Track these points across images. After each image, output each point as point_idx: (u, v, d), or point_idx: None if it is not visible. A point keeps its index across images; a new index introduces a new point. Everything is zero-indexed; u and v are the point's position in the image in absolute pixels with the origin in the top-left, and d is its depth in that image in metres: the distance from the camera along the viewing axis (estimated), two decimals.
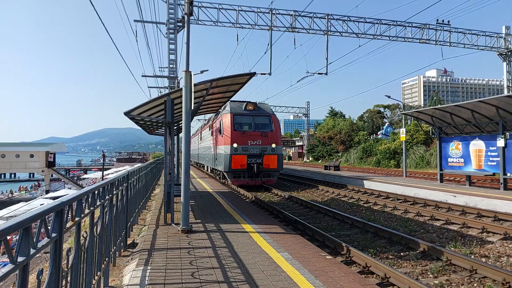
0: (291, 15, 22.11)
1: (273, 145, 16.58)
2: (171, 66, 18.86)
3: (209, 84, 7.29)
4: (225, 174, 16.81)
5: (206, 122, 27.32)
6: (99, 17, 7.71)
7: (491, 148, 13.08)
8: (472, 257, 6.31)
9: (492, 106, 12.16)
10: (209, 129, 21.67)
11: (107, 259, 3.91)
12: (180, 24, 19.10)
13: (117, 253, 4.96)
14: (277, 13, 21.88)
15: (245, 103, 17.26)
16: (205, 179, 19.56)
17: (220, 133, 16.96)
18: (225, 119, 16.65)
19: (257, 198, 13.44)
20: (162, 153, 30.90)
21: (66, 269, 2.43)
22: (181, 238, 5.98)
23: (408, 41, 23.98)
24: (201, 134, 28.02)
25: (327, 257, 5.07)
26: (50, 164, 44.63)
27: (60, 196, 15.75)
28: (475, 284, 5.15)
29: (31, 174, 58.83)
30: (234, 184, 16.65)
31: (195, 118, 31.04)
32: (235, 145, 15.96)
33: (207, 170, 24.68)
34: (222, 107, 16.59)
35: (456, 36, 24.93)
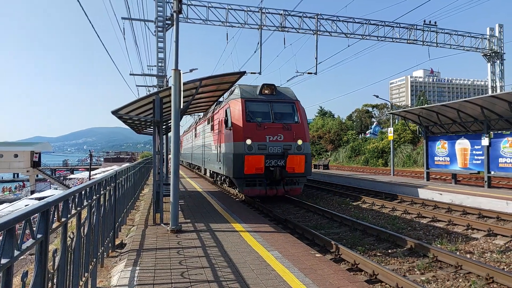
0: (281, 14, 22.16)
1: (299, 142, 12.49)
2: (159, 64, 18.66)
3: (199, 83, 7.26)
4: (234, 181, 12.35)
5: (203, 115, 21.77)
6: (85, 14, 7.57)
7: (476, 147, 13.40)
8: (458, 253, 6.45)
9: (477, 106, 12.45)
10: (208, 123, 17.24)
11: (94, 260, 3.85)
12: (169, 22, 18.91)
13: (105, 253, 4.89)
14: (267, 12, 21.89)
15: (260, 86, 13.03)
16: (195, 179, 19.45)
17: (227, 126, 12.75)
18: (234, 107, 12.48)
19: (247, 197, 13.42)
20: (150, 153, 30.51)
21: (52, 271, 2.39)
22: (170, 238, 5.94)
23: (396, 42, 24.33)
24: (195, 130, 23.21)
25: (316, 255, 5.11)
26: (35, 164, 43.64)
27: (46, 197, 15.39)
28: (460, 280, 5.27)
29: (15, 175, 57.42)
30: (247, 194, 12.25)
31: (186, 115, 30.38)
32: (248, 141, 11.83)
33: (205, 173, 19.91)
34: (228, 92, 12.76)
35: (442, 37, 25.43)
